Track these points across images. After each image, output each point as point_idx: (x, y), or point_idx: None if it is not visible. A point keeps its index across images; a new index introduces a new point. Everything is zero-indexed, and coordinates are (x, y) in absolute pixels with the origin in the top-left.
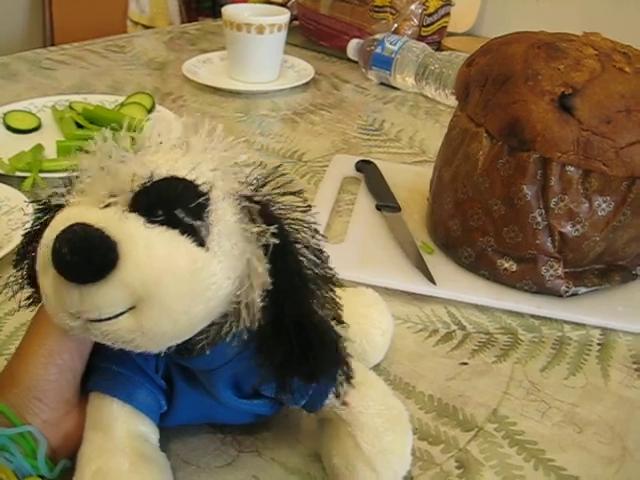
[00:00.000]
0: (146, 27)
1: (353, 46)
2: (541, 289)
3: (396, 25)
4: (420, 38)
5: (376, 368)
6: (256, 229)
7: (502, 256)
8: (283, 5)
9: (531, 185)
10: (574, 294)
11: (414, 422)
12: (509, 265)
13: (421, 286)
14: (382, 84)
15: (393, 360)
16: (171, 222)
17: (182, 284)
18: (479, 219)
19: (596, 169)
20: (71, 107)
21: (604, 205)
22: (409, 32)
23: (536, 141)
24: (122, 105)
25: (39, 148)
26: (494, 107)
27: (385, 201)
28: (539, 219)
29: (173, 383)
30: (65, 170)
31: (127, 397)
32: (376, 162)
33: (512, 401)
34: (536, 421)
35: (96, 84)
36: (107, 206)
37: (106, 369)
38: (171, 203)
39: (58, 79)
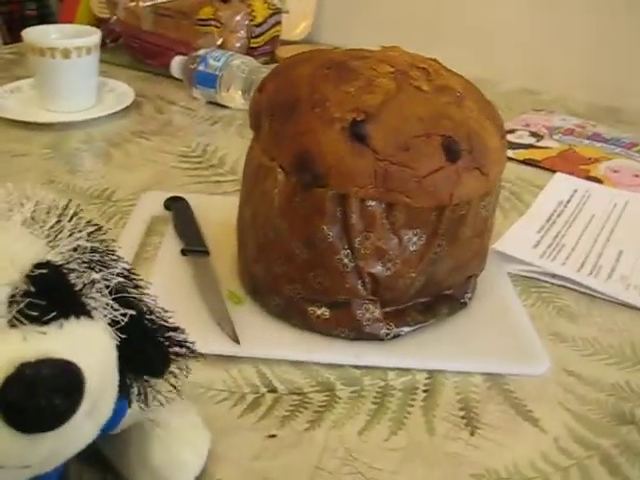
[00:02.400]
0: None
1: (176, 64)
2: (359, 335)
3: (222, 39)
4: (250, 50)
5: None
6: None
7: (312, 303)
8: (107, 21)
9: (331, 224)
10: (396, 335)
11: None
12: (321, 312)
13: (225, 346)
14: (210, 103)
15: None
16: (66, 312)
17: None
18: (283, 264)
19: (399, 201)
20: None
21: (415, 239)
22: (237, 45)
23: (329, 176)
24: None
25: None
26: (284, 139)
27: (192, 244)
28: (346, 261)
29: None
30: None
31: None
32: (190, 196)
33: (324, 477)
34: None
35: None
36: None
37: None
38: (58, 292)
39: None
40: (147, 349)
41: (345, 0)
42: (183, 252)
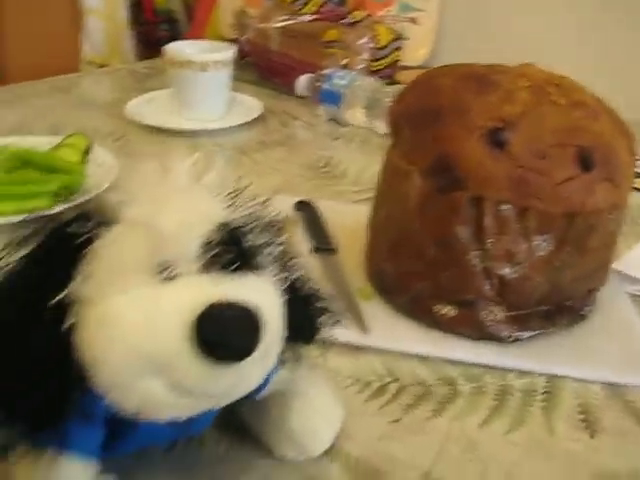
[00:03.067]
0: (102, 66)
1: (302, 82)
2: (482, 335)
3: (346, 60)
4: (372, 73)
5: None
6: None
7: (439, 301)
8: (234, 41)
9: (465, 226)
10: (517, 339)
11: None
12: (447, 310)
13: (355, 336)
14: (332, 120)
15: None
16: (247, 267)
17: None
18: (413, 263)
19: (533, 207)
20: (1, 151)
21: (544, 244)
22: (360, 67)
23: (467, 179)
24: (56, 147)
25: None
26: (424, 144)
27: (321, 243)
28: (475, 261)
29: None
30: None
31: (73, 447)
32: (317, 202)
33: (447, 461)
34: None
35: (37, 125)
36: (169, 275)
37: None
38: (240, 248)
39: None
40: (301, 315)
41: (463, 28)
42: (313, 250)
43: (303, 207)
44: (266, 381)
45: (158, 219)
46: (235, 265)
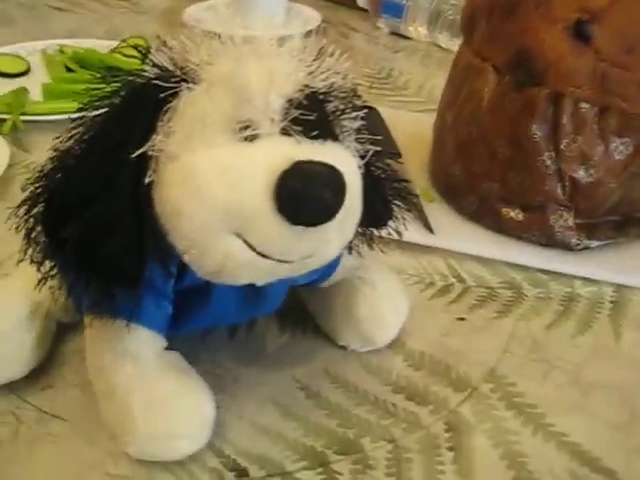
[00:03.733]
0: None
1: None
2: (549, 241)
3: None
4: None
5: None
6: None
7: (507, 204)
8: None
9: (540, 124)
10: (586, 247)
11: (401, 380)
12: (515, 214)
13: (418, 235)
14: (393, 33)
15: None
16: (326, 134)
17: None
18: (483, 163)
19: (614, 106)
20: (62, 51)
21: (622, 147)
22: None
23: (547, 74)
24: (115, 49)
25: (22, 90)
26: (501, 38)
27: (384, 147)
28: (549, 162)
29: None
30: (50, 113)
31: (143, 319)
32: (380, 109)
33: (512, 360)
34: (537, 382)
35: (93, 30)
36: (251, 133)
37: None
38: (321, 115)
39: (54, 25)
40: (377, 195)
41: None
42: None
43: (366, 112)
44: (334, 265)
45: (242, 77)
46: (316, 130)
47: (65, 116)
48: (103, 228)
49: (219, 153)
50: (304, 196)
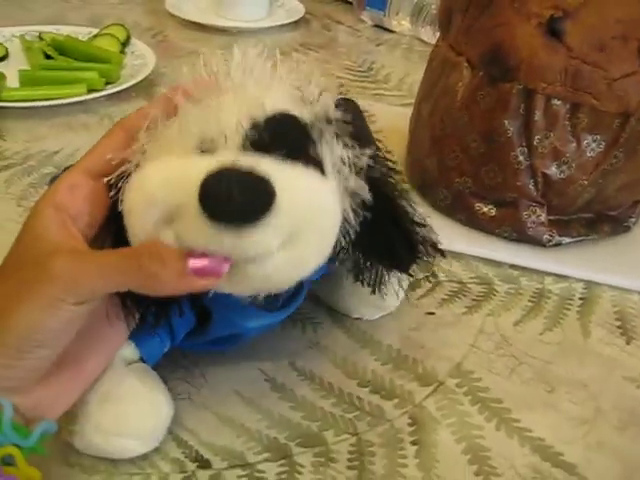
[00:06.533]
0: None
1: None
2: (522, 237)
3: None
4: None
5: (333, 314)
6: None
7: (480, 199)
8: None
9: (513, 120)
10: (557, 244)
11: (367, 374)
12: (487, 209)
13: None
14: (376, 26)
15: None
16: (293, 157)
17: (329, 218)
18: (456, 157)
19: (585, 103)
20: (41, 37)
21: (594, 145)
22: None
23: (520, 69)
24: (95, 37)
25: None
26: (476, 32)
27: (362, 140)
28: (521, 158)
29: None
30: (25, 100)
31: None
32: (359, 103)
33: (479, 355)
34: (504, 378)
35: (73, 17)
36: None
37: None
38: (290, 138)
39: (33, 10)
40: (394, 237)
41: None
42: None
43: (344, 104)
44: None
45: (215, 104)
46: (276, 151)
47: (41, 103)
48: None
49: (171, 160)
50: (217, 193)
